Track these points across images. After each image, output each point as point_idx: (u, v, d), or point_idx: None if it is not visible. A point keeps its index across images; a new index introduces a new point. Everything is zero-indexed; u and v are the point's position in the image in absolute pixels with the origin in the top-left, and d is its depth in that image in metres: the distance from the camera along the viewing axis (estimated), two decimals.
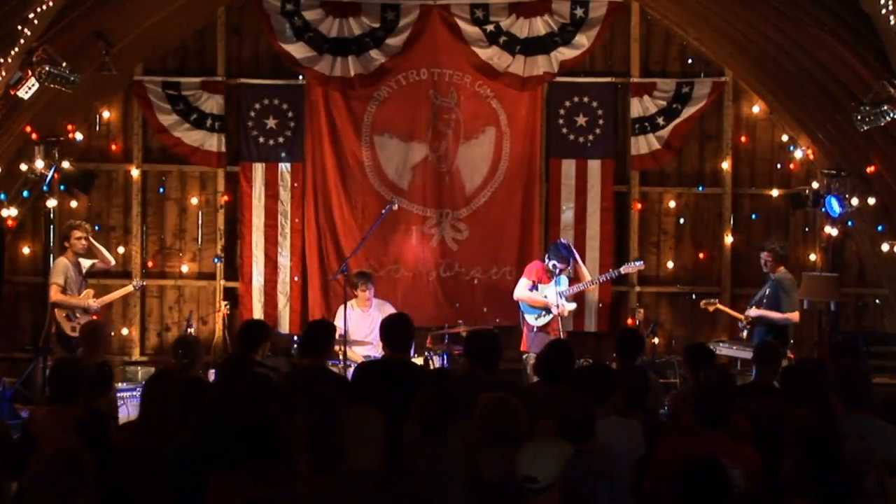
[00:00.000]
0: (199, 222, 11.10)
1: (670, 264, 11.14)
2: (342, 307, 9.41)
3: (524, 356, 9.69)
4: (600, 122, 10.94)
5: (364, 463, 4.29)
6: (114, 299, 10.29)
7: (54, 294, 9.42)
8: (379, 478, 4.29)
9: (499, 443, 4.63)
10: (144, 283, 10.57)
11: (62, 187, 10.53)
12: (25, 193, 10.41)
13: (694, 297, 11.05)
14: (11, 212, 10.20)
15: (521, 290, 9.76)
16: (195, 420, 5.31)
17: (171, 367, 6.62)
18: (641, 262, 10.20)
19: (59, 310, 9.46)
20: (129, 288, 10.26)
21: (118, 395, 8.09)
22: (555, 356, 6.41)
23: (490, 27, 10.73)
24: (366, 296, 9.83)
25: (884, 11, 6.96)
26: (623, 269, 10.10)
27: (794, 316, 9.58)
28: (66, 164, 10.29)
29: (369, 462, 4.29)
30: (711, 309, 10.41)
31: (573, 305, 9.84)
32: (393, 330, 6.43)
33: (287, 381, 6.12)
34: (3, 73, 7.70)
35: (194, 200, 11.08)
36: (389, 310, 9.57)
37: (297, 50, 10.67)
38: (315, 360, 6.48)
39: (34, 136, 9.83)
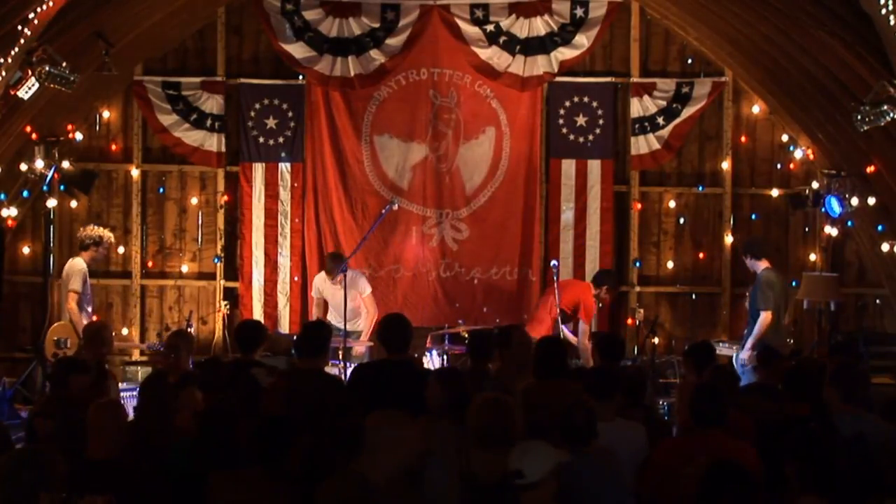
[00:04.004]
0: (199, 222, 11.09)
1: (670, 264, 11.13)
2: (316, 276, 9.94)
3: None
4: (600, 122, 10.93)
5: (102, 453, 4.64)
6: None
7: (72, 302, 9.20)
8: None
9: (492, 443, 4.60)
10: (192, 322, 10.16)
11: (62, 187, 10.52)
12: (25, 193, 10.40)
13: (694, 296, 11.05)
14: (11, 212, 10.18)
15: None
16: (198, 418, 5.31)
17: (161, 363, 6.61)
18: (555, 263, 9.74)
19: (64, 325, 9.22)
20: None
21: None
22: (547, 354, 6.35)
23: (490, 27, 10.72)
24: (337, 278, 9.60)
25: (884, 11, 6.95)
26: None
27: (766, 317, 9.04)
28: (66, 164, 10.29)
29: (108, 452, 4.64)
30: None
31: None
32: (390, 330, 6.40)
33: (283, 381, 6.07)
34: (3, 73, 7.70)
35: (194, 200, 11.07)
36: (361, 280, 9.77)
37: (297, 50, 10.66)
38: (311, 362, 6.26)
39: (34, 136, 9.82)
